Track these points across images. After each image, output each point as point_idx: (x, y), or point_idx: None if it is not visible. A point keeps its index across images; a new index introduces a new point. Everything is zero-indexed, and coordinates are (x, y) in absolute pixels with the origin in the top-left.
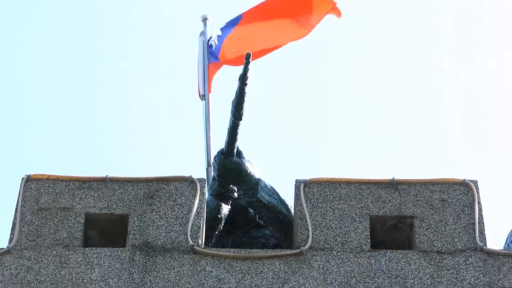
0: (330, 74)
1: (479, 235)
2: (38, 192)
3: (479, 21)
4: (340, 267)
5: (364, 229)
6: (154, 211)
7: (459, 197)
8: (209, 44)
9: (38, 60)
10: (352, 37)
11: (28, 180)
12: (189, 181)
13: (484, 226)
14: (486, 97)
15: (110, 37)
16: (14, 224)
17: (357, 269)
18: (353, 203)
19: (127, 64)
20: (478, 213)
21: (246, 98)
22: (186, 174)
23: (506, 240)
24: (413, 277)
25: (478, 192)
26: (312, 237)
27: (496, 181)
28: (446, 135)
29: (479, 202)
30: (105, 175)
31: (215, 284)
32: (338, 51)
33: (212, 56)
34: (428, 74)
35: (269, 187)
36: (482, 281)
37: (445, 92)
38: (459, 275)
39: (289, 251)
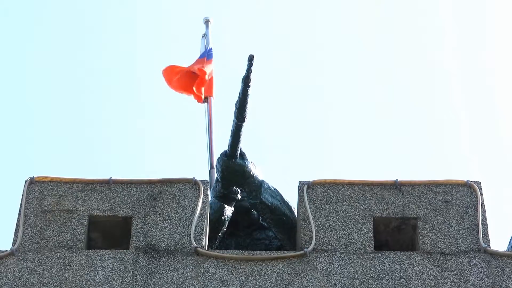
0: (333, 75)
1: (482, 236)
2: (41, 194)
3: (486, 20)
4: (344, 268)
5: (367, 230)
6: (158, 213)
7: (462, 198)
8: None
9: (41, 62)
10: (354, 37)
11: (32, 183)
12: (192, 183)
13: (487, 227)
14: (493, 97)
15: (113, 39)
16: (17, 226)
17: (360, 270)
18: (356, 205)
19: (129, 66)
20: (482, 214)
21: (249, 100)
22: (189, 176)
23: (510, 241)
24: (417, 279)
25: (481, 193)
26: (315, 238)
27: (500, 182)
28: (449, 135)
29: (482, 203)
30: (109, 177)
31: (219, 286)
32: (340, 51)
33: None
34: (433, 74)
35: (273, 188)
36: (486, 283)
37: (450, 92)
38: (462, 276)
39: (292, 253)
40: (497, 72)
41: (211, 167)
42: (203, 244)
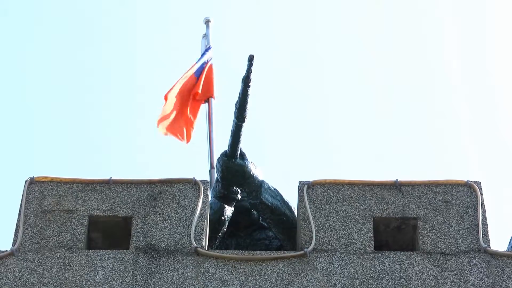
0: (333, 75)
1: (482, 237)
2: (41, 194)
3: (486, 20)
4: (344, 268)
5: (367, 230)
6: (158, 213)
7: (462, 198)
8: (209, 46)
9: (41, 62)
10: (354, 37)
11: (32, 183)
12: (193, 183)
13: (487, 227)
14: (494, 97)
15: (114, 39)
16: (17, 226)
17: (360, 270)
18: (356, 205)
19: (129, 66)
20: (482, 214)
21: (249, 100)
22: (189, 176)
23: (510, 241)
24: (417, 279)
25: (481, 193)
26: (315, 238)
27: (500, 182)
28: (449, 135)
29: (482, 203)
30: (109, 177)
31: (219, 286)
32: (340, 50)
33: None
34: (433, 74)
35: (273, 189)
36: (486, 283)
37: (450, 92)
38: (462, 276)
39: (292, 253)
40: (498, 72)
41: (211, 167)
42: (203, 244)
